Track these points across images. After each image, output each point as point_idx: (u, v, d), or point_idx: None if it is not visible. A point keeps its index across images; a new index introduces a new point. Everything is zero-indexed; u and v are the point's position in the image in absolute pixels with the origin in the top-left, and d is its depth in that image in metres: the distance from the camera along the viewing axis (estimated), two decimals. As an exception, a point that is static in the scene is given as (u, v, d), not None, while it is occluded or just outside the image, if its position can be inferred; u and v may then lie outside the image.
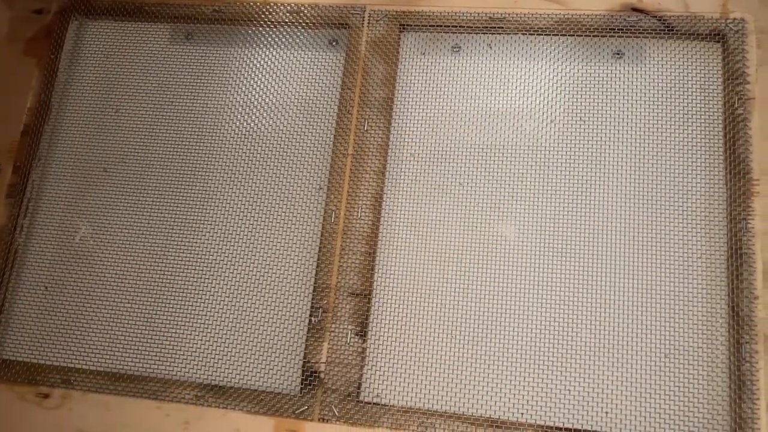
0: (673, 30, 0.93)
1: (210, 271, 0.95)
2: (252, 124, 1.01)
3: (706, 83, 0.93)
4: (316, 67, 1.02)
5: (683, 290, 0.86)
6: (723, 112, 0.90)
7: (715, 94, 0.92)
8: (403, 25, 1.00)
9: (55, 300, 0.96)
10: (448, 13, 0.98)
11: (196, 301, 0.94)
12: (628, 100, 0.94)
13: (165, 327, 0.93)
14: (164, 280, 0.95)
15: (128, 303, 0.95)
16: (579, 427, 0.82)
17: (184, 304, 0.94)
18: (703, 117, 0.91)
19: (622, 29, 0.94)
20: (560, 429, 0.82)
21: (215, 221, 0.97)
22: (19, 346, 0.95)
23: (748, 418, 0.78)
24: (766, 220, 0.85)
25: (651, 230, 0.88)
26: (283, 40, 1.03)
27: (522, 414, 0.84)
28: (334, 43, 1.03)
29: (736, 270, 0.84)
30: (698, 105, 0.92)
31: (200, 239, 0.97)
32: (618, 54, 0.96)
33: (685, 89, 0.93)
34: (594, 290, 0.87)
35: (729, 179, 0.87)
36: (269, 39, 1.04)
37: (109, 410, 0.89)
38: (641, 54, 0.95)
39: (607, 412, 0.83)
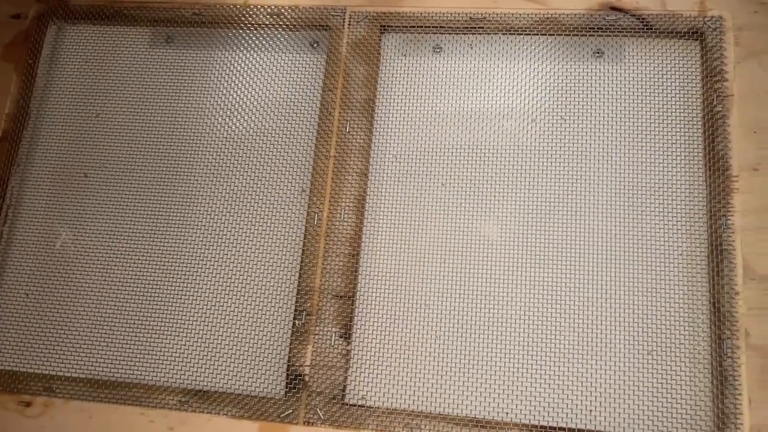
0: (651, 28, 0.94)
1: (193, 275, 0.95)
2: (234, 127, 1.00)
3: (685, 81, 0.93)
4: (297, 69, 1.02)
5: (665, 287, 0.86)
6: (702, 109, 0.91)
7: (694, 92, 0.92)
8: (384, 26, 0.99)
9: (36, 307, 0.95)
10: (429, 13, 0.98)
11: (179, 306, 0.93)
12: (608, 99, 0.94)
13: (148, 332, 0.93)
14: (146, 286, 0.95)
15: (110, 309, 0.94)
16: (564, 425, 0.83)
17: (167, 309, 0.93)
18: (682, 114, 0.92)
19: (602, 28, 0.95)
20: (545, 428, 0.82)
21: (197, 225, 0.97)
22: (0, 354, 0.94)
23: (731, 413, 0.79)
24: (745, 217, 0.86)
25: (632, 228, 0.89)
26: (264, 42, 1.03)
27: (507, 413, 0.84)
28: (314, 45, 1.02)
29: (716, 266, 0.84)
30: (677, 102, 0.92)
31: (182, 243, 0.96)
32: (598, 53, 0.96)
33: (665, 87, 0.93)
34: (576, 289, 0.88)
35: (708, 176, 0.88)
36: (250, 41, 1.03)
37: (92, 417, 0.88)
38: (621, 52, 0.96)
39: (591, 410, 0.83)
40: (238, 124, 1.00)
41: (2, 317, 0.96)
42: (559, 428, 0.82)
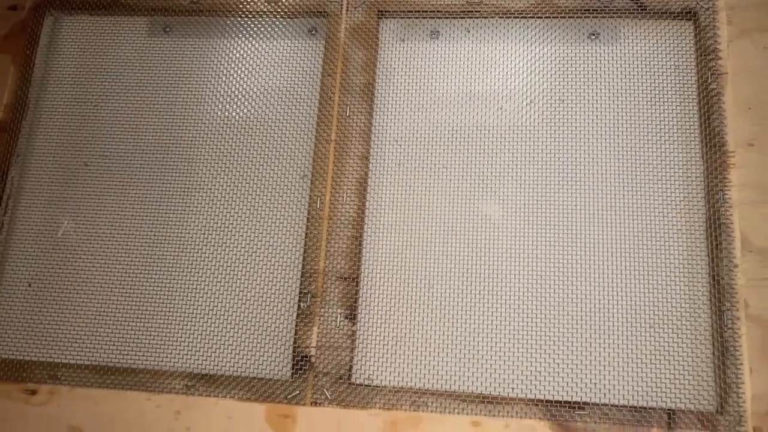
0: (646, 9, 0.95)
1: (197, 260, 0.95)
2: (234, 115, 1.01)
3: (680, 60, 0.95)
4: (296, 55, 1.02)
5: (665, 262, 0.87)
6: (697, 87, 0.92)
7: (689, 71, 0.94)
8: (382, 11, 1.00)
9: (40, 296, 0.95)
10: (426, -2, 0.99)
11: (184, 291, 0.93)
12: (605, 80, 0.96)
13: (152, 317, 0.93)
14: (150, 271, 0.95)
15: (113, 295, 0.94)
16: (569, 399, 0.83)
17: (172, 294, 0.93)
18: (678, 93, 0.93)
19: (597, 10, 0.96)
20: (550, 402, 0.83)
21: (201, 212, 0.97)
22: (3, 343, 0.94)
23: (732, 383, 0.80)
24: (742, 191, 0.87)
25: (632, 205, 0.90)
26: (262, 29, 1.04)
27: (512, 389, 0.85)
28: (313, 32, 1.03)
29: (715, 240, 0.85)
30: (673, 81, 0.94)
31: (186, 230, 0.96)
32: (593, 34, 0.98)
33: (660, 67, 0.95)
34: (578, 265, 0.89)
35: (705, 152, 0.89)
36: (248, 29, 1.04)
37: (98, 404, 0.88)
38: (616, 34, 0.97)
39: (595, 383, 0.84)
40: (238, 112, 1.01)
41: (5, 306, 0.95)
42: (564, 402, 0.83)
